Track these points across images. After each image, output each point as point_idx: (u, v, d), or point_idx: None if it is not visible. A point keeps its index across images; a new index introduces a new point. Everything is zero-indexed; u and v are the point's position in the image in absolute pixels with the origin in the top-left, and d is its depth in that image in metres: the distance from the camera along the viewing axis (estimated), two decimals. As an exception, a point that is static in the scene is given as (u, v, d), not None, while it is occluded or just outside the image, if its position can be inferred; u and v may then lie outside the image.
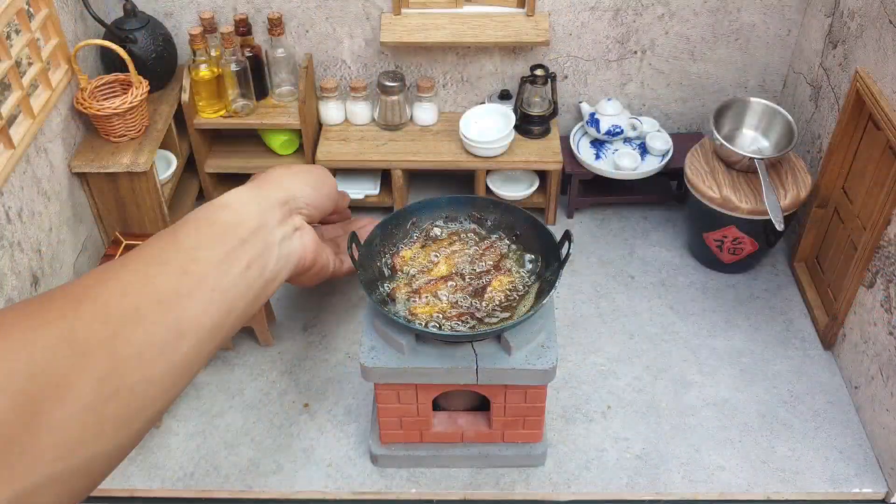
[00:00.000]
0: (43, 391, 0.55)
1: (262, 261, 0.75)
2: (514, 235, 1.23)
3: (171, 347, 0.64)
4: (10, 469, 0.52)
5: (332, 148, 1.63)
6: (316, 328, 1.48)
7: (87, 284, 0.64)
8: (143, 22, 1.52)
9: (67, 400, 0.57)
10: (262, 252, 0.75)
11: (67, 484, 0.57)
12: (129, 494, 1.25)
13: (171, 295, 0.65)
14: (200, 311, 0.66)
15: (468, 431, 1.23)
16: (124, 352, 0.61)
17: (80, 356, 0.58)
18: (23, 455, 0.53)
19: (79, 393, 0.57)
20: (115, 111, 1.40)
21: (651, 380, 1.39)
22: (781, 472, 1.26)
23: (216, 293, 0.68)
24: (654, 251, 1.64)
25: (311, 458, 1.28)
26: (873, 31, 1.29)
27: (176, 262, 0.67)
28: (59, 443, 0.56)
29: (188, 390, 1.37)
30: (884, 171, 1.26)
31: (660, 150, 1.64)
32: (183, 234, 0.71)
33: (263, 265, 0.75)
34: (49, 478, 0.55)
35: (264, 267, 0.75)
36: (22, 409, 0.53)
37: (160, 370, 0.63)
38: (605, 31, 1.63)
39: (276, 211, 0.80)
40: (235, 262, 0.71)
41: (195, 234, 0.71)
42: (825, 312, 1.47)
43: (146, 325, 0.62)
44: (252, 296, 0.73)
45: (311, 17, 1.62)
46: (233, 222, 0.74)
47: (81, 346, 0.58)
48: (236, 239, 0.72)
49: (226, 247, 0.70)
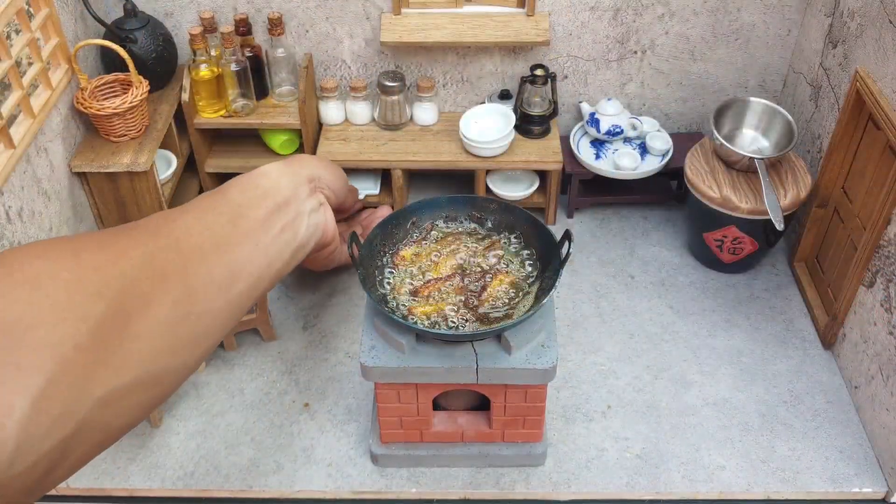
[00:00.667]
0: (132, 302, 0.64)
1: (295, 226, 0.86)
2: (514, 235, 1.23)
3: (226, 286, 0.74)
4: (106, 367, 0.60)
5: (332, 148, 1.63)
6: (316, 328, 1.48)
7: (158, 223, 0.73)
8: (143, 22, 1.52)
9: (150, 314, 0.65)
10: (295, 219, 0.87)
11: (146, 390, 0.65)
12: (129, 494, 1.25)
13: (226, 241, 0.76)
14: (247, 260, 0.77)
15: (468, 431, 1.23)
16: (193, 282, 0.70)
17: (159, 279, 0.67)
18: (116, 356, 0.61)
19: (158, 310, 0.66)
20: (115, 111, 1.40)
21: (651, 379, 1.39)
22: (781, 472, 1.26)
23: (259, 248, 0.79)
24: (654, 251, 1.64)
25: (311, 457, 1.28)
26: (873, 31, 1.29)
27: (228, 215, 0.78)
28: (143, 350, 0.64)
29: (188, 390, 1.37)
30: (884, 170, 1.26)
31: (660, 150, 1.64)
32: (232, 193, 0.82)
33: (296, 231, 0.86)
34: (134, 381, 0.63)
35: (296, 232, 0.86)
36: (116, 315, 0.62)
37: (219, 304, 0.73)
38: (605, 31, 1.63)
39: (305, 186, 0.91)
40: (274, 224, 0.82)
41: (242, 194, 0.82)
42: (825, 312, 1.47)
43: (208, 263, 0.72)
44: (287, 256, 0.85)
45: (311, 16, 1.62)
46: (271, 189, 0.85)
47: (160, 270, 0.67)
48: (274, 203, 0.83)
49: (266, 209, 0.82)
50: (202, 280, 0.71)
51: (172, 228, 0.73)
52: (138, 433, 1.32)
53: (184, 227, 0.74)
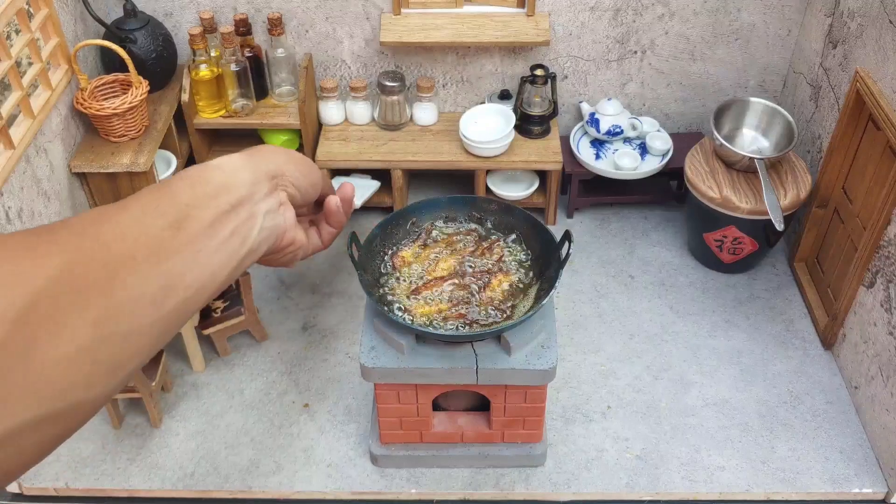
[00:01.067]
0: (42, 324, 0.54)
1: (246, 230, 0.73)
2: (513, 236, 1.23)
3: (160, 301, 0.63)
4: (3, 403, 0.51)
5: (332, 148, 1.63)
6: (316, 328, 1.48)
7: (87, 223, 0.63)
8: (143, 22, 1.52)
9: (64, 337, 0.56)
10: (246, 221, 0.73)
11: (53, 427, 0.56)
12: (129, 494, 1.25)
13: (164, 248, 0.64)
14: (187, 270, 0.66)
15: (468, 431, 1.23)
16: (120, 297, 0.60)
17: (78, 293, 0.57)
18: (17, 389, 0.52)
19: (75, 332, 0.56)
20: (115, 111, 1.40)
21: (651, 380, 1.39)
22: (781, 472, 1.26)
23: (202, 256, 0.67)
24: (654, 251, 1.64)
25: (311, 458, 1.28)
26: (873, 31, 1.29)
27: (171, 216, 0.66)
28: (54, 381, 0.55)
29: (188, 390, 1.37)
30: (884, 171, 1.26)
31: (660, 150, 1.64)
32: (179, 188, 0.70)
33: (246, 236, 0.73)
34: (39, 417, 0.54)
35: (246, 237, 0.73)
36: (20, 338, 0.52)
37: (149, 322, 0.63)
38: (605, 31, 1.63)
39: (264, 183, 0.77)
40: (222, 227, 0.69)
41: (190, 190, 0.69)
42: (825, 312, 1.47)
43: (140, 275, 0.62)
44: (234, 264, 0.71)
45: (311, 17, 1.62)
46: (225, 186, 0.72)
47: (80, 283, 0.57)
48: (227, 203, 0.71)
49: (217, 210, 0.69)
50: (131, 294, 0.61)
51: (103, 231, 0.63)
52: (138, 433, 1.32)
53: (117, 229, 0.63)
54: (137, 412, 1.34)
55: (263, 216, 0.78)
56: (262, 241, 0.79)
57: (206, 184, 0.73)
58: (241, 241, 0.74)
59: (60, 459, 1.28)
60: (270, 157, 0.84)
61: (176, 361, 1.42)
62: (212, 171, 0.75)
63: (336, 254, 1.63)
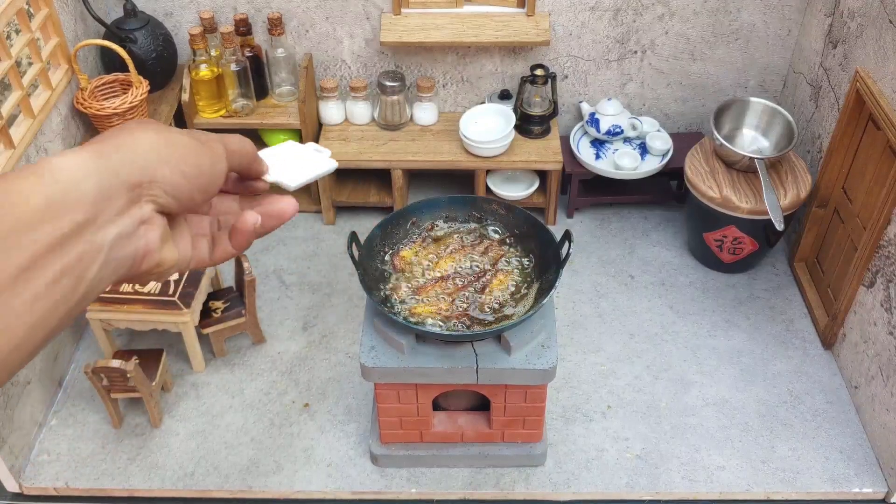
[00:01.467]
0: None
1: (80, 269, 0.49)
2: (513, 235, 1.23)
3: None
4: None
5: (332, 148, 1.63)
6: (316, 328, 1.48)
7: None
8: (143, 22, 1.52)
9: None
10: (82, 257, 0.49)
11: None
12: (129, 494, 1.25)
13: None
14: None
15: (468, 431, 1.23)
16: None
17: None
18: None
19: None
20: (115, 111, 1.40)
21: (651, 380, 1.39)
22: (781, 472, 1.26)
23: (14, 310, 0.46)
24: (654, 251, 1.64)
25: (311, 458, 1.28)
26: (873, 31, 1.29)
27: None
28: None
29: (188, 391, 1.37)
30: (884, 170, 1.26)
31: (660, 150, 1.64)
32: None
33: (80, 276, 0.49)
34: None
35: (81, 279, 0.50)
36: None
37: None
38: (605, 31, 1.63)
39: (119, 197, 0.51)
40: (47, 267, 0.47)
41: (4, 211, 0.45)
42: (825, 312, 1.47)
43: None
44: (61, 314, 0.50)
45: (311, 16, 1.62)
46: (52, 207, 0.47)
47: None
48: (57, 232, 0.47)
49: (40, 243, 0.46)
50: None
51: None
52: (138, 433, 1.32)
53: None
54: (137, 412, 1.34)
55: (110, 246, 0.52)
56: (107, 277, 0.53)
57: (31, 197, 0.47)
58: (75, 283, 0.50)
59: (60, 459, 1.28)
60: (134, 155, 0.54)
61: (176, 361, 1.42)
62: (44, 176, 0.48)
63: (336, 254, 1.63)
